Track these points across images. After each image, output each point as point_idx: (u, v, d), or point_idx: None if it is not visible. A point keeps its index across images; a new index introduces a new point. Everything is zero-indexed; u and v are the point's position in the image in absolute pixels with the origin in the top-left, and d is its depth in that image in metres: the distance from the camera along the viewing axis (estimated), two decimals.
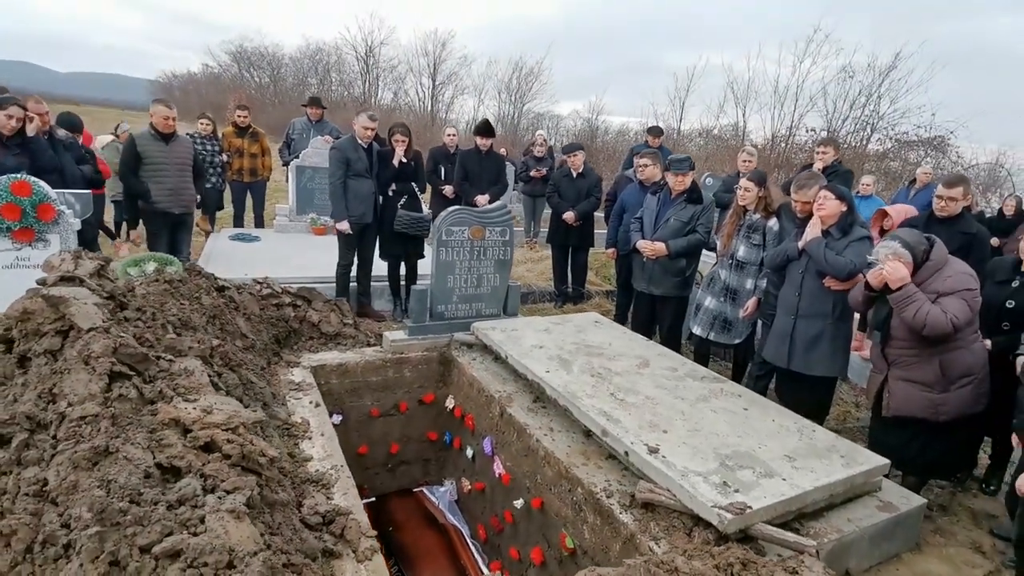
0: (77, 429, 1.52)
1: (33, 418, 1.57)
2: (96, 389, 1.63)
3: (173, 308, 2.75)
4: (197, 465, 1.50)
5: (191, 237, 5.53)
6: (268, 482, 1.68)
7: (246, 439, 1.64)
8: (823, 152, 5.47)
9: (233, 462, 1.57)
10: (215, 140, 7.30)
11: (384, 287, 5.68)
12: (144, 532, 1.23)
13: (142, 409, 1.70)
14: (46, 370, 1.74)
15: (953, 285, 2.74)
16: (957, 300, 2.74)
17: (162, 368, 1.92)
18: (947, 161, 13.85)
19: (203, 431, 1.60)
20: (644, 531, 2.48)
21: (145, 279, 2.95)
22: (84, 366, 1.68)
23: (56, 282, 2.06)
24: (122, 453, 1.42)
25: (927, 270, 2.78)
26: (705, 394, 3.38)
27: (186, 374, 1.93)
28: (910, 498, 2.88)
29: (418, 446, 4.45)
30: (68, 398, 1.61)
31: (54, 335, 1.84)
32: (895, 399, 2.92)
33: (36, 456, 1.47)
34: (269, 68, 41.45)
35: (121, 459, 1.40)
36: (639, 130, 21.49)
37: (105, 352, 1.73)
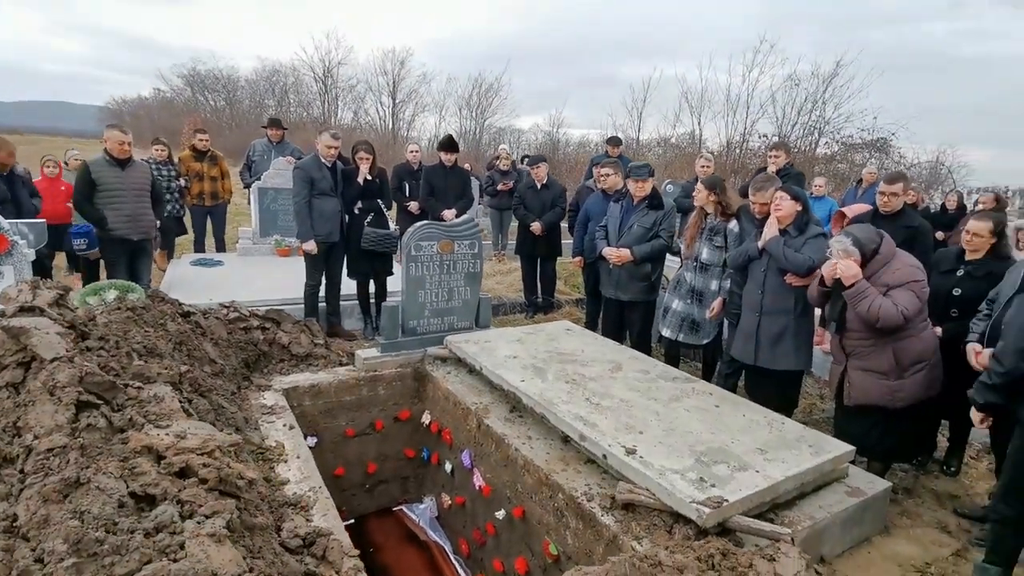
0: (45, 462, 1.46)
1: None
2: (63, 420, 1.57)
3: (137, 336, 2.68)
4: (173, 491, 1.46)
5: (151, 264, 5.38)
6: (247, 505, 1.65)
7: (223, 462, 1.61)
8: (775, 156, 5.69)
9: (210, 486, 1.54)
10: (171, 165, 7.15)
11: (353, 306, 5.62)
12: (122, 561, 1.20)
13: (112, 438, 1.65)
14: (9, 403, 1.67)
15: (901, 277, 2.90)
16: (906, 292, 2.89)
17: (130, 396, 1.87)
18: (890, 161, 14.60)
19: (177, 457, 1.56)
20: (626, 531, 2.52)
21: (106, 307, 2.87)
22: (49, 397, 1.63)
23: (16, 313, 1.99)
24: (94, 483, 1.37)
25: (876, 263, 2.93)
26: (677, 394, 3.46)
27: (156, 401, 1.88)
28: (876, 482, 3.00)
29: (395, 464, 4.40)
30: (34, 430, 1.55)
31: (15, 367, 1.77)
32: (855, 388, 3.05)
33: (4, 491, 1.41)
34: (224, 91, 40.72)
35: (93, 489, 1.36)
36: (599, 141, 21.91)
37: (71, 381, 1.68)
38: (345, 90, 37.08)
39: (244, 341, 3.90)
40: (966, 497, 3.40)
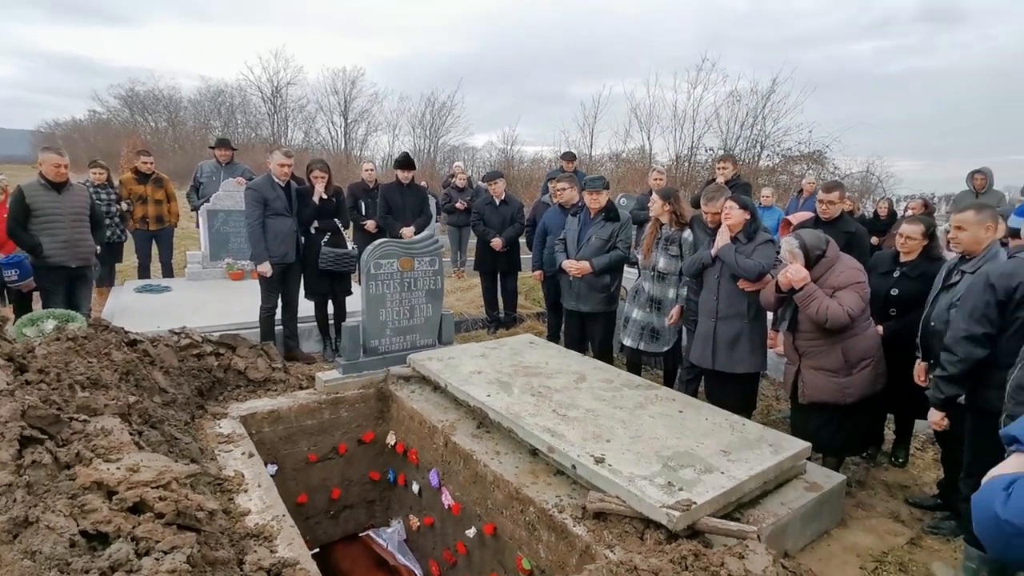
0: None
1: None
2: (6, 457, 1.46)
3: (80, 367, 2.54)
4: (127, 528, 1.38)
5: (91, 292, 5.11)
6: (208, 539, 1.57)
7: (180, 494, 1.54)
8: (723, 167, 5.93)
9: (167, 520, 1.46)
10: (111, 188, 6.84)
11: (312, 328, 5.49)
12: None
13: (58, 475, 1.55)
14: None
15: (846, 280, 3.06)
16: (850, 293, 3.05)
17: (75, 430, 1.76)
18: (826, 172, 15.38)
19: (130, 491, 1.48)
20: (599, 540, 2.52)
21: (45, 338, 2.70)
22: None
23: None
24: (43, 522, 1.28)
25: (822, 266, 3.08)
26: (642, 401, 3.51)
27: (103, 434, 1.78)
28: (831, 476, 3.12)
29: (361, 488, 4.29)
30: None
31: None
32: (808, 386, 3.18)
33: None
34: (166, 112, 39.33)
35: (43, 529, 1.27)
36: (552, 158, 22.28)
37: (13, 416, 1.57)
38: (295, 110, 36.56)
39: (197, 368, 3.74)
40: (915, 487, 3.57)
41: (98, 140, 37.79)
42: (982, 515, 1.02)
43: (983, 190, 6.87)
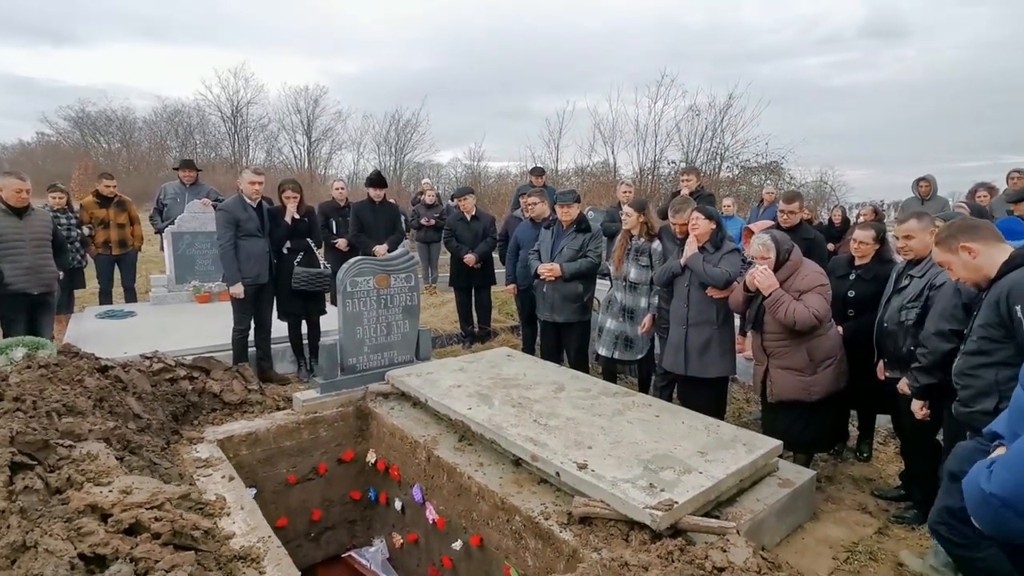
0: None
1: None
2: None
3: (54, 394, 2.48)
4: (125, 549, 1.38)
5: (53, 319, 4.95)
6: (204, 558, 1.57)
7: (175, 514, 1.54)
8: (687, 179, 6.15)
9: (164, 540, 1.46)
10: (71, 212, 6.65)
11: (285, 348, 5.43)
12: None
13: (50, 499, 1.53)
14: None
15: (810, 283, 3.24)
16: (815, 296, 3.23)
17: (62, 455, 1.73)
18: (783, 182, 16.02)
19: (125, 513, 1.48)
20: (585, 544, 2.58)
21: (15, 366, 2.64)
22: None
23: None
24: (42, 546, 1.27)
25: (787, 269, 3.26)
26: (620, 408, 3.60)
27: (90, 458, 1.76)
28: (803, 472, 3.26)
29: (342, 508, 4.25)
30: None
31: None
32: (775, 385, 3.33)
33: None
34: (119, 132, 38.14)
35: (42, 553, 1.26)
36: (517, 173, 22.58)
37: (2, 442, 1.55)
38: (256, 129, 36.07)
39: (171, 393, 3.68)
40: (880, 479, 3.74)
41: (47, 163, 36.34)
42: (971, 494, 1.13)
43: (928, 196, 7.28)
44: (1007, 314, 2.17)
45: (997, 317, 2.22)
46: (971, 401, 2.34)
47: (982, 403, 2.30)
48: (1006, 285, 2.20)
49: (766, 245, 3.26)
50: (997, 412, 2.10)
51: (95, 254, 6.91)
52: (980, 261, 2.33)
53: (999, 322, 2.22)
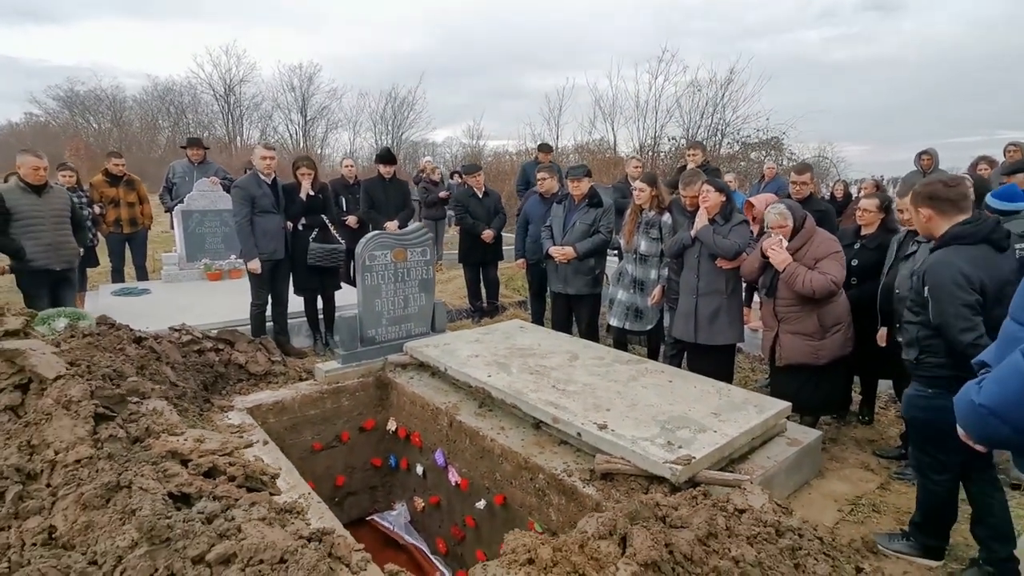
0: (75, 473, 1.46)
1: (22, 470, 1.48)
2: (83, 432, 1.56)
3: (103, 361, 2.60)
4: (208, 489, 1.51)
5: (75, 294, 5.05)
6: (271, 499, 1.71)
7: (244, 460, 1.67)
8: (693, 154, 6.23)
9: (239, 483, 1.59)
10: (81, 191, 6.70)
11: (301, 323, 5.55)
12: (193, 544, 1.25)
13: (132, 447, 1.65)
14: (12, 425, 1.63)
15: (826, 250, 3.37)
16: (831, 261, 3.36)
17: (132, 410, 1.86)
18: (784, 158, 16.07)
19: (202, 459, 1.60)
20: (607, 498, 2.74)
21: (60, 335, 2.75)
22: (66, 412, 1.61)
23: (1, 337, 1.91)
24: (136, 485, 1.40)
25: (801, 237, 3.38)
26: (633, 374, 3.75)
27: (156, 413, 1.88)
28: (809, 433, 3.42)
29: (363, 474, 4.41)
30: (54, 445, 1.54)
31: (12, 390, 1.72)
32: (784, 350, 3.48)
33: (36, 506, 1.39)
34: (110, 112, 37.55)
35: (137, 491, 1.38)
36: (515, 151, 22.51)
37: (85, 396, 1.66)
38: (250, 108, 35.70)
39: (200, 363, 3.80)
40: (881, 440, 3.92)
41: (36, 143, 35.79)
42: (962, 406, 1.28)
43: (930, 169, 7.38)
44: (920, 289, 2.44)
45: (910, 285, 2.50)
46: (905, 347, 2.64)
47: (909, 352, 2.59)
48: (927, 263, 2.44)
49: (782, 214, 3.37)
50: (917, 363, 2.53)
51: (106, 233, 6.98)
52: (931, 226, 2.52)
53: (918, 292, 2.48)
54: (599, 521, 1.57)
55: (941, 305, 2.33)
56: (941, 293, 2.33)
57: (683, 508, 1.82)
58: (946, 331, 2.34)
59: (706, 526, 1.63)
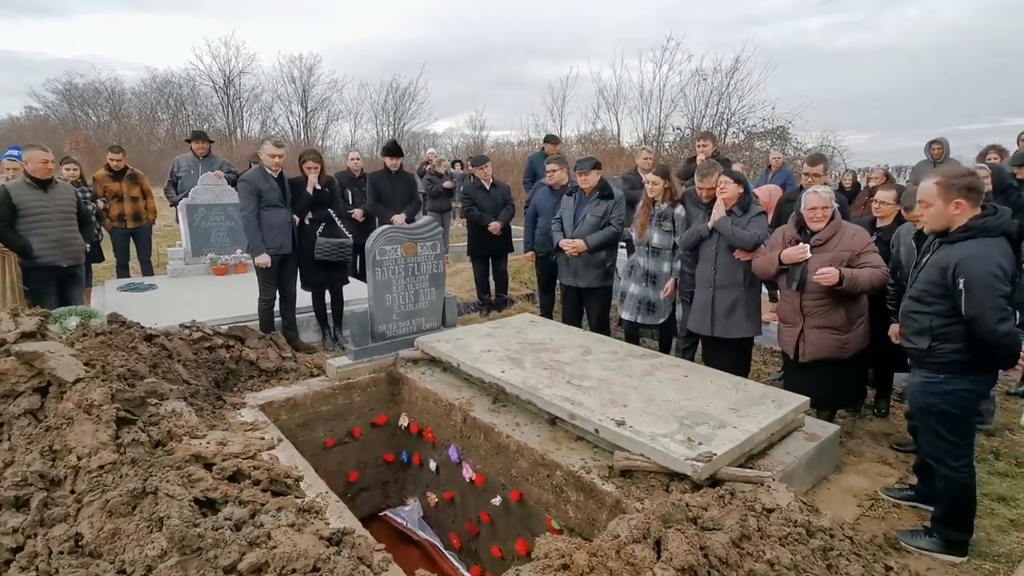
0: (99, 479, 1.43)
1: (46, 476, 1.45)
2: (106, 437, 1.53)
3: (116, 360, 2.57)
4: (233, 494, 1.48)
5: (82, 291, 5.02)
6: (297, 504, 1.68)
7: (268, 463, 1.64)
8: (703, 145, 6.16)
9: (263, 487, 1.57)
10: (85, 186, 6.65)
11: (309, 318, 5.52)
12: (224, 553, 1.22)
13: (154, 451, 1.62)
14: (33, 430, 1.60)
15: (861, 240, 3.35)
16: (873, 254, 3.34)
17: (152, 412, 1.82)
18: (789, 147, 15.95)
19: (226, 462, 1.57)
20: (627, 495, 2.72)
21: (72, 334, 2.71)
22: (87, 416, 1.58)
23: (18, 339, 1.87)
24: (163, 491, 1.37)
25: (832, 227, 3.35)
26: (648, 369, 3.72)
27: (176, 415, 1.85)
28: (827, 427, 3.39)
29: (375, 470, 4.40)
30: (76, 451, 1.51)
31: (31, 393, 1.69)
32: (809, 345, 3.44)
33: (61, 513, 1.37)
34: (108, 104, 37.29)
35: (163, 497, 1.35)
36: (516, 142, 22.38)
37: (106, 400, 1.63)
38: (250, 100, 35.48)
39: (211, 360, 3.77)
40: (897, 433, 3.89)
41: (37, 137, 35.61)
42: None
43: (940, 159, 7.30)
44: (951, 282, 2.43)
45: (941, 279, 2.47)
46: (912, 337, 2.66)
47: (918, 342, 2.61)
48: (956, 256, 2.43)
49: (828, 193, 3.33)
50: (930, 351, 2.57)
51: (110, 228, 6.94)
52: (957, 217, 2.50)
53: (941, 283, 2.47)
54: (632, 524, 1.54)
55: (979, 297, 2.34)
56: (980, 286, 2.34)
57: (713, 509, 1.79)
58: (982, 322, 2.36)
59: (739, 528, 1.60)
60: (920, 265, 2.67)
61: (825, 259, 3.30)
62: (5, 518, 1.32)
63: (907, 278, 2.93)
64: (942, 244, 2.55)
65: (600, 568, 1.29)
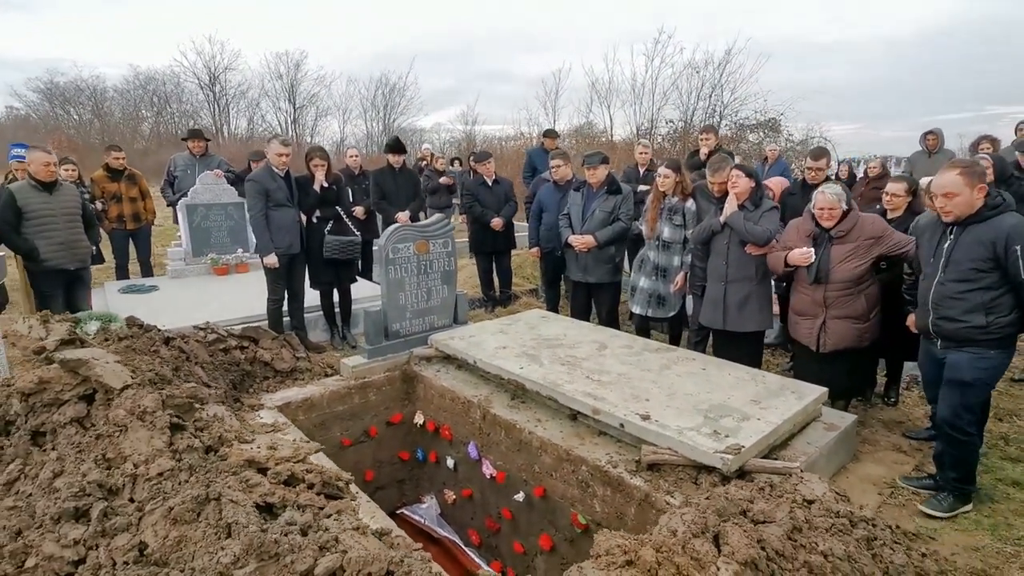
0: (159, 486, 1.42)
1: (104, 485, 1.44)
2: (161, 444, 1.52)
3: (143, 364, 2.54)
4: (291, 498, 1.48)
5: (90, 294, 4.95)
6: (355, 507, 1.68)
7: (320, 467, 1.63)
8: (706, 138, 6.19)
9: (318, 491, 1.56)
10: (83, 187, 6.55)
11: (318, 317, 5.49)
12: (300, 559, 1.22)
13: (207, 457, 1.61)
14: (81, 438, 1.58)
15: (880, 226, 3.42)
16: (896, 232, 3.39)
17: (197, 418, 1.81)
18: (782, 139, 16.05)
19: (279, 467, 1.57)
20: (657, 489, 2.74)
21: (94, 339, 2.68)
22: (141, 423, 1.56)
23: (58, 346, 1.85)
24: (226, 497, 1.36)
25: (850, 220, 3.38)
26: (665, 363, 3.75)
27: (219, 420, 1.84)
28: (845, 417, 3.44)
29: (391, 468, 4.40)
30: (132, 459, 1.49)
31: (77, 401, 1.66)
32: (831, 336, 3.48)
33: (124, 523, 1.35)
34: (90, 103, 36.58)
35: (227, 503, 1.35)
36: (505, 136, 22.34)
37: (158, 406, 1.62)
38: (236, 96, 35.05)
39: (227, 362, 3.75)
40: (908, 422, 3.95)
41: (19, 138, 34.87)
42: None
43: (935, 149, 7.39)
44: (1004, 252, 2.62)
45: (990, 253, 2.66)
46: (963, 316, 2.78)
47: (973, 319, 2.75)
48: (1003, 228, 2.64)
49: (839, 195, 3.38)
50: (988, 326, 2.72)
51: (109, 229, 6.84)
52: (978, 202, 2.72)
53: (990, 256, 2.66)
54: (688, 519, 1.56)
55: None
56: None
57: (760, 501, 1.81)
58: None
59: (789, 520, 1.63)
60: (945, 250, 2.79)
61: (847, 250, 3.35)
62: (66, 530, 1.30)
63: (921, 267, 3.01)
64: (968, 225, 2.73)
65: (667, 564, 1.31)
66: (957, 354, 2.84)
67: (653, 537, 1.48)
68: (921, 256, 3.05)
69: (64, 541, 1.30)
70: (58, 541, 1.32)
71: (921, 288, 3.02)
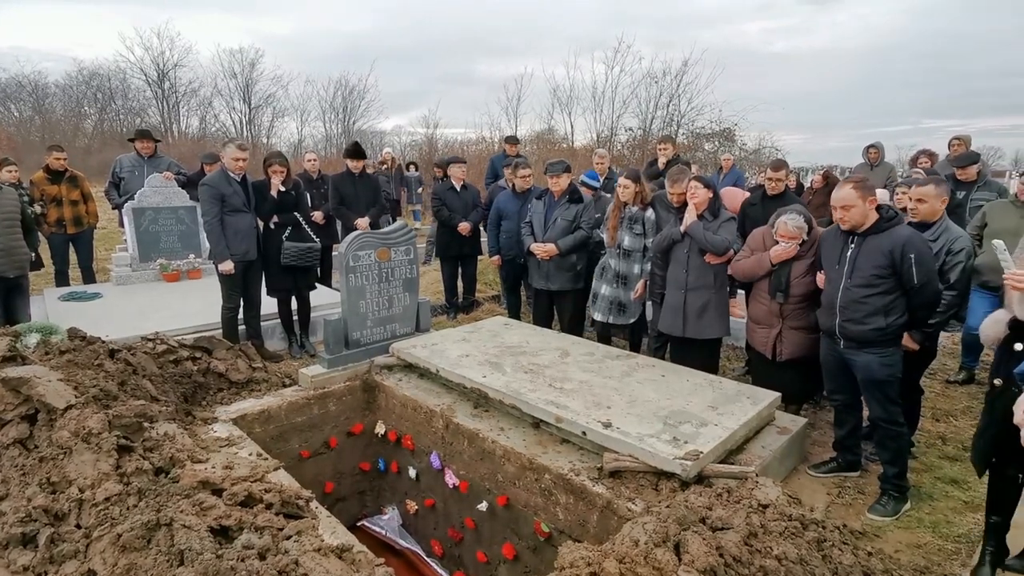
0: (106, 511, 1.35)
1: (49, 510, 1.35)
2: (107, 467, 1.44)
3: (86, 380, 2.42)
4: (248, 520, 1.43)
5: (28, 302, 4.68)
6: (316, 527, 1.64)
7: (279, 486, 1.59)
8: (664, 148, 6.33)
9: (277, 511, 1.52)
10: (22, 189, 6.19)
11: (275, 325, 5.35)
12: None
13: (158, 479, 1.54)
14: (25, 460, 1.48)
15: None
16: None
17: (146, 437, 1.73)
18: (736, 148, 16.58)
19: (235, 487, 1.52)
20: (618, 496, 2.78)
21: (34, 352, 2.54)
22: (86, 445, 1.48)
23: None
24: (178, 522, 1.31)
25: (811, 239, 3.51)
26: (626, 370, 3.81)
27: (170, 439, 1.76)
28: (796, 420, 3.57)
29: (352, 480, 4.31)
30: (78, 483, 1.41)
31: (19, 422, 1.56)
32: (787, 345, 3.60)
33: (71, 550, 1.28)
34: (31, 99, 34.64)
35: (179, 528, 1.29)
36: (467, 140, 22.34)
37: (104, 428, 1.53)
38: (187, 94, 33.78)
39: (178, 374, 3.60)
40: None
41: None
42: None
43: (877, 162, 7.77)
44: (899, 260, 2.90)
45: (888, 261, 2.92)
46: (866, 319, 3.04)
47: (875, 321, 3.01)
48: (899, 238, 2.93)
49: (800, 228, 3.49)
50: (887, 327, 3.00)
51: (48, 233, 6.49)
52: (871, 214, 3.02)
53: (889, 264, 2.93)
54: (650, 529, 1.59)
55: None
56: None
57: (718, 508, 1.86)
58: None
59: (746, 526, 1.68)
60: (849, 258, 3.06)
61: (806, 265, 3.51)
62: (14, 556, 1.22)
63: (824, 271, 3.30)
64: (868, 235, 3.02)
65: (630, 575, 1.33)
66: (864, 356, 3.10)
67: (616, 548, 1.50)
68: (824, 262, 3.30)
69: (14, 568, 1.22)
70: (8, 567, 1.24)
71: (826, 292, 3.25)
